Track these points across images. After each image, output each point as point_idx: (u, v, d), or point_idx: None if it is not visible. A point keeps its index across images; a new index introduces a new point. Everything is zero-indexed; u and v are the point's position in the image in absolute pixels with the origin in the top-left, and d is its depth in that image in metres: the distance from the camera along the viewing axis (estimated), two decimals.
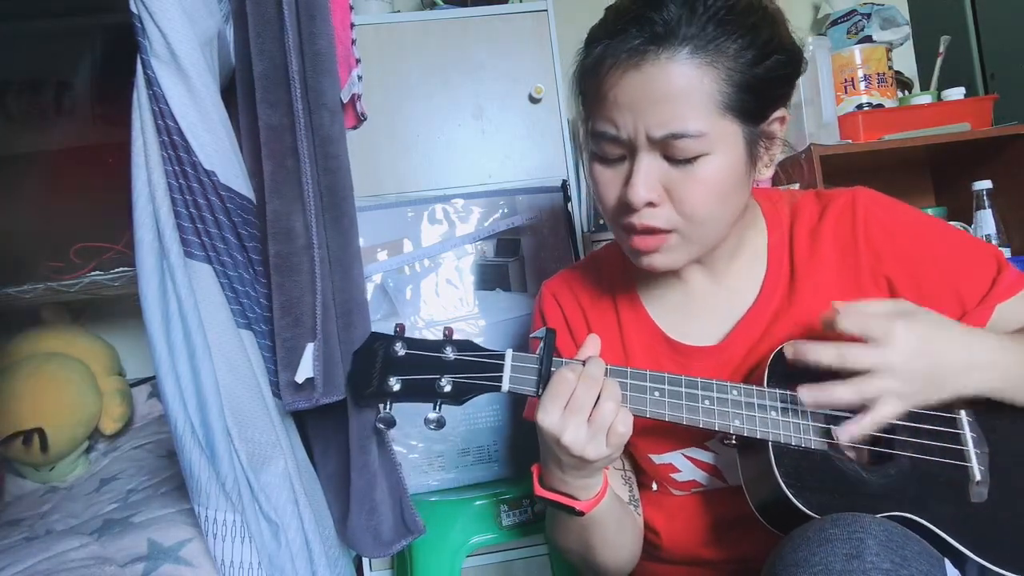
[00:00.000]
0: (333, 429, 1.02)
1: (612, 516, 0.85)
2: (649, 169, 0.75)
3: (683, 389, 0.78)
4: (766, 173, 0.82)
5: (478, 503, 1.26)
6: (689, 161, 0.74)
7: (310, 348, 0.90)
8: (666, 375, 0.78)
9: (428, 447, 1.36)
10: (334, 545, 1.03)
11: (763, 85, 0.75)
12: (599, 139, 0.78)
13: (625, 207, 0.78)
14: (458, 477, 1.36)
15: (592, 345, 0.80)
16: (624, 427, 0.74)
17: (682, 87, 0.72)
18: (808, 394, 0.73)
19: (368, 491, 0.96)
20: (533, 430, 0.77)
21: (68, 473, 1.36)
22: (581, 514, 0.80)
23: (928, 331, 0.74)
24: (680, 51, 0.71)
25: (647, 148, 0.75)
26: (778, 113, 0.79)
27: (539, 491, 0.82)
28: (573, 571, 1.28)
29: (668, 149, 0.74)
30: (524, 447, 1.37)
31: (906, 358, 0.71)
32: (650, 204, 0.76)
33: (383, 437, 0.98)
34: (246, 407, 0.91)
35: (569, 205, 1.44)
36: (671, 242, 0.78)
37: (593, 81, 0.77)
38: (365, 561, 1.38)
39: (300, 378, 0.89)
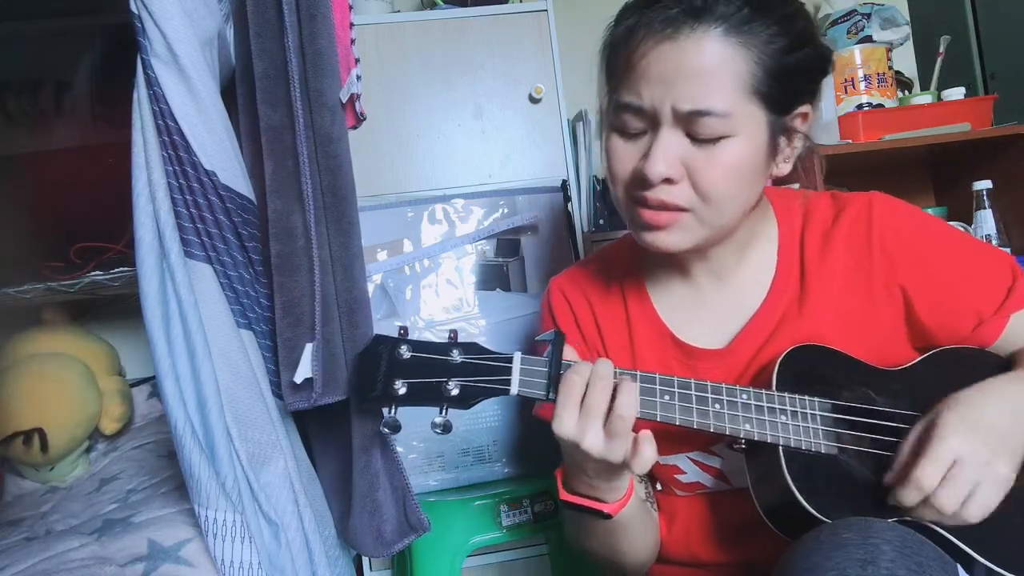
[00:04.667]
0: (334, 429, 1.02)
1: (637, 515, 0.84)
2: (670, 144, 0.74)
3: (693, 393, 0.76)
4: (784, 169, 0.81)
5: (478, 503, 1.26)
6: (712, 141, 0.74)
7: (308, 348, 0.90)
8: (675, 379, 0.77)
9: (428, 447, 1.36)
10: (334, 545, 1.03)
11: (792, 75, 0.75)
12: (622, 110, 0.77)
13: (640, 181, 0.77)
14: (458, 477, 1.36)
15: (569, 352, 0.77)
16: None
17: (714, 64, 0.72)
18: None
19: (370, 491, 0.96)
20: (535, 429, 0.77)
21: (68, 473, 1.36)
22: (608, 517, 0.78)
23: (972, 417, 0.72)
24: (715, 28, 0.71)
25: (670, 123, 0.74)
26: (802, 108, 0.79)
27: (564, 496, 0.79)
28: (573, 571, 1.28)
29: (692, 126, 0.73)
30: (524, 447, 1.37)
31: (983, 458, 0.70)
32: (667, 181, 0.75)
33: (385, 437, 0.98)
34: (246, 407, 0.91)
35: (569, 205, 1.44)
36: (683, 221, 0.77)
37: (623, 52, 0.76)
38: (365, 561, 1.38)
39: (299, 378, 0.89)
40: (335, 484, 1.04)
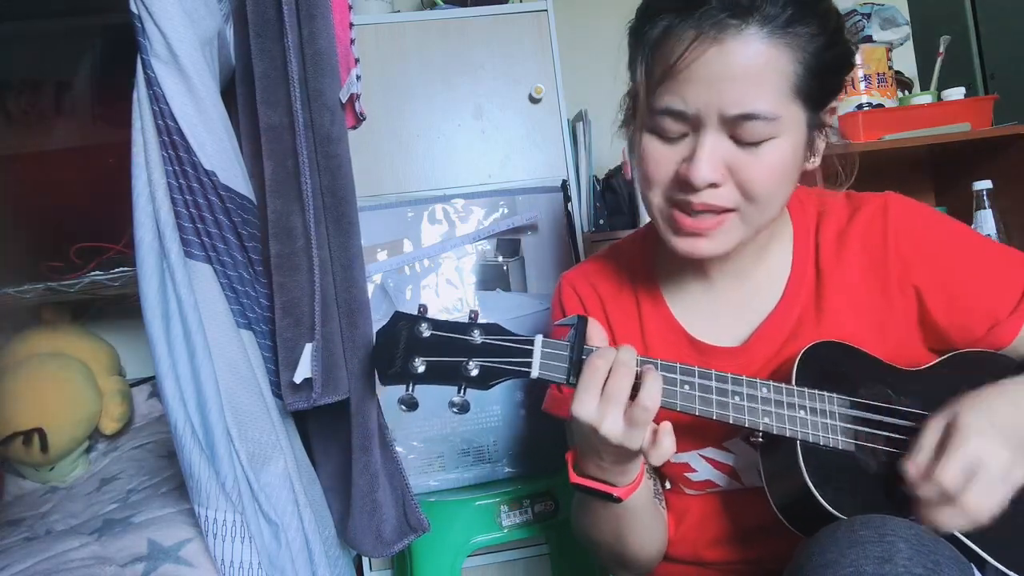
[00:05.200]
0: (334, 429, 1.02)
1: (646, 506, 0.84)
2: (715, 148, 0.74)
3: (713, 383, 0.76)
4: (816, 162, 0.81)
5: (478, 503, 1.26)
6: (756, 144, 0.73)
7: (308, 348, 0.90)
8: (696, 369, 0.76)
9: (428, 447, 1.36)
10: (334, 545, 1.03)
11: (829, 72, 0.75)
12: (662, 115, 0.75)
13: (682, 184, 0.76)
14: (458, 477, 1.36)
15: (597, 333, 0.76)
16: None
17: (760, 65, 0.71)
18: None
19: (370, 491, 0.96)
20: (536, 429, 0.76)
21: (68, 473, 1.36)
22: (619, 501, 0.78)
23: (994, 420, 0.71)
24: (761, 28, 0.71)
25: (715, 127, 0.73)
26: (832, 103, 0.80)
27: (575, 479, 0.79)
28: (574, 572, 1.28)
29: (737, 129, 0.73)
30: (525, 447, 1.37)
31: (1005, 462, 0.69)
32: (712, 185, 0.75)
33: (385, 437, 0.98)
34: (246, 407, 0.91)
35: (569, 205, 1.44)
36: (727, 224, 0.77)
37: (660, 53, 0.75)
38: (365, 561, 1.38)
39: (298, 378, 0.89)
40: (335, 484, 1.04)
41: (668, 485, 0.93)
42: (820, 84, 0.74)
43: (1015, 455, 0.69)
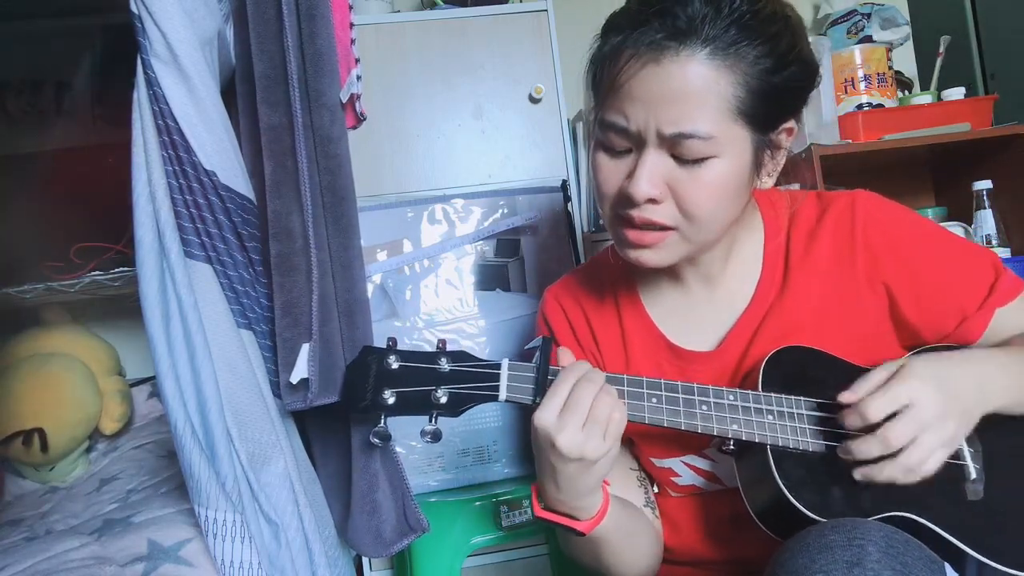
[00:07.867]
0: (334, 429, 1.02)
1: (620, 531, 0.83)
2: (655, 165, 0.75)
3: (680, 395, 0.77)
4: (768, 183, 0.81)
5: (478, 503, 1.26)
6: (696, 162, 0.74)
7: (305, 348, 0.90)
8: (663, 381, 0.78)
9: (428, 447, 1.36)
10: (334, 545, 1.03)
11: (777, 94, 0.74)
12: (607, 129, 0.77)
13: (625, 199, 0.77)
14: (458, 477, 1.36)
15: (567, 357, 0.79)
16: (620, 413, 0.73)
17: (698, 87, 0.71)
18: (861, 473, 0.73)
19: (369, 492, 0.96)
20: None
21: (68, 473, 1.36)
22: (581, 534, 0.78)
23: (938, 373, 0.74)
24: (701, 50, 0.71)
25: (655, 144, 0.74)
26: (787, 124, 0.79)
27: (539, 512, 0.80)
28: (574, 572, 1.28)
29: (676, 148, 0.73)
30: (525, 448, 1.37)
31: (937, 410, 0.71)
32: (651, 200, 0.76)
33: None
34: (246, 407, 0.91)
35: (569, 205, 1.44)
36: (667, 240, 0.78)
37: (609, 70, 0.76)
38: (365, 561, 1.38)
39: (295, 379, 0.89)
40: (335, 484, 1.04)
41: (656, 488, 0.94)
42: (767, 106, 0.74)
43: (949, 408, 0.72)
